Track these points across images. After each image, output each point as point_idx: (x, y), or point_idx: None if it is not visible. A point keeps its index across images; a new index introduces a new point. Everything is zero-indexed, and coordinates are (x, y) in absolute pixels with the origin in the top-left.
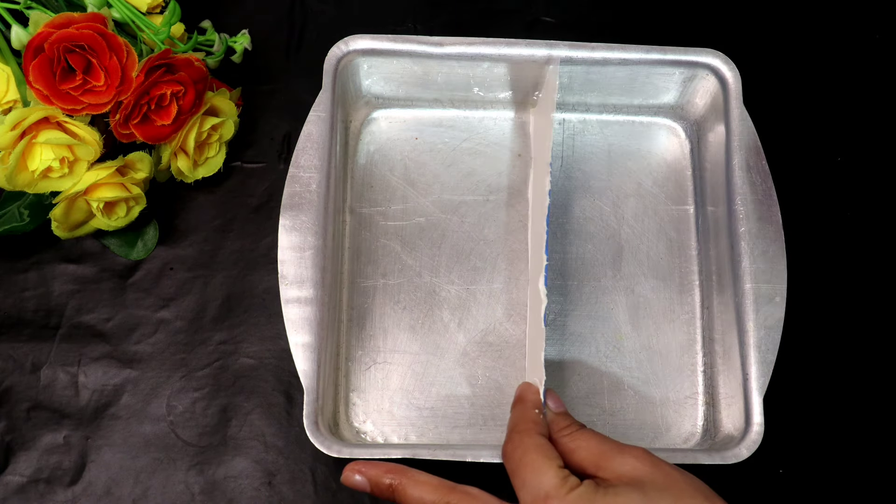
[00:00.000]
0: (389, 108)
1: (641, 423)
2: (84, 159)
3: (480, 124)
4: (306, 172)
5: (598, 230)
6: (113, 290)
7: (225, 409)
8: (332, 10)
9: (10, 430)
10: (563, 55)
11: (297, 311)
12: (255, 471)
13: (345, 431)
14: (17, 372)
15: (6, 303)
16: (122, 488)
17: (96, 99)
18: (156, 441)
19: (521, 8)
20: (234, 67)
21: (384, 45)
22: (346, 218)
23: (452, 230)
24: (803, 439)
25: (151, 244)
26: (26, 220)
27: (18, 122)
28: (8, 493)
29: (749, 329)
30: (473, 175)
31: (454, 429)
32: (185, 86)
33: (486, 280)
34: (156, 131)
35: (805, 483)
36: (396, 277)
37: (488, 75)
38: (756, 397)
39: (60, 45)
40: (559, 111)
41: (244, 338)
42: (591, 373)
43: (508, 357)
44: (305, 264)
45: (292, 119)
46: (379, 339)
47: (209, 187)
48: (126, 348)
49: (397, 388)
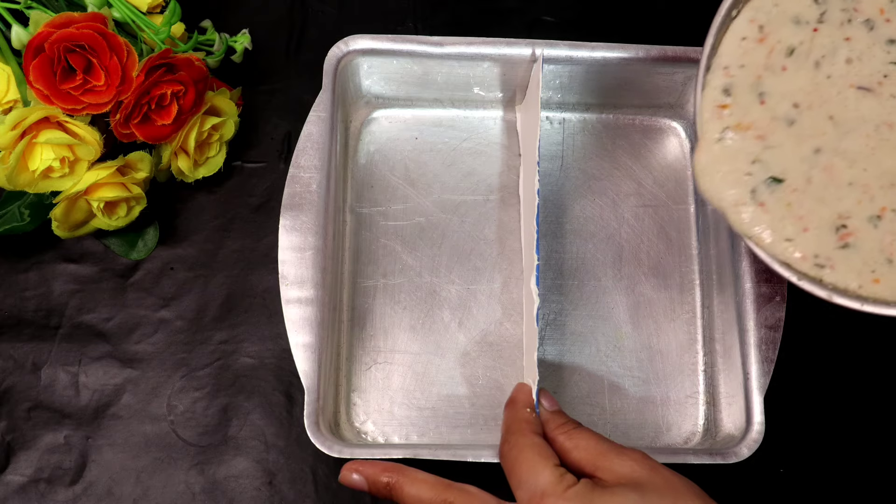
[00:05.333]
0: (389, 108)
1: (642, 423)
2: (84, 159)
3: (481, 124)
4: (306, 172)
5: (598, 230)
6: (113, 290)
7: (225, 408)
8: (332, 10)
9: (11, 429)
10: (563, 55)
11: (297, 312)
12: (256, 471)
13: (345, 431)
14: (17, 372)
15: (7, 303)
16: (122, 488)
17: (97, 99)
18: (156, 441)
19: (522, 7)
20: (234, 67)
21: (384, 45)
22: (346, 218)
23: (453, 230)
24: (804, 439)
25: (152, 244)
26: (27, 220)
27: (19, 122)
28: (8, 492)
29: (749, 328)
30: (473, 175)
31: (455, 428)
32: (185, 85)
33: (487, 280)
34: (156, 131)
35: (805, 483)
36: (397, 277)
37: (488, 75)
38: (757, 397)
39: (61, 44)
40: (560, 111)
41: (245, 337)
42: (591, 372)
43: (509, 357)
44: (306, 264)
45: (292, 119)
46: (379, 339)
47: (209, 187)
48: (126, 348)
49: (398, 388)
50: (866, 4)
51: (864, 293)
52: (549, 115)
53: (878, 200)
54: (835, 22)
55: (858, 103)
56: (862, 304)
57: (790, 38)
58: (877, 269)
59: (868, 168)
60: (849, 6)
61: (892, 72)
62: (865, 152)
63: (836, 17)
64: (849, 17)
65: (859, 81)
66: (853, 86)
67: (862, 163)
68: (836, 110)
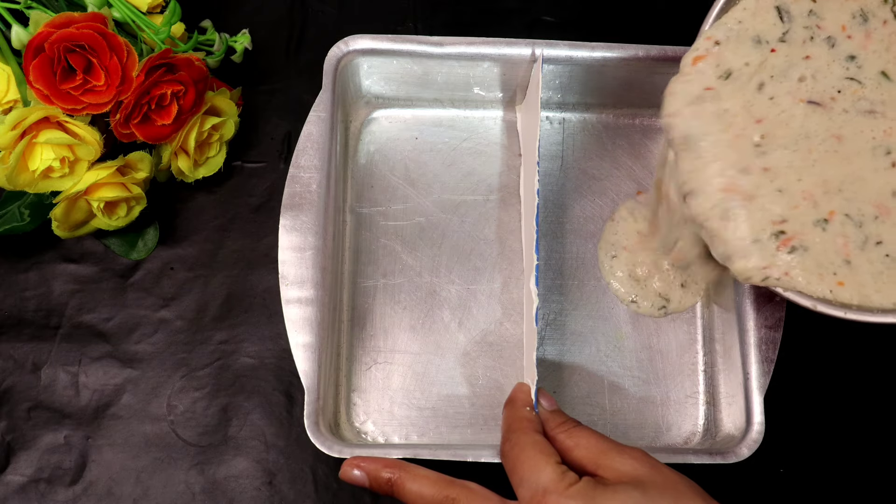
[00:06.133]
0: (389, 108)
1: (642, 423)
2: (84, 159)
3: (481, 124)
4: (306, 172)
5: (598, 230)
6: (113, 290)
7: (225, 408)
8: (332, 10)
9: (11, 429)
10: (563, 55)
11: (297, 312)
12: (256, 471)
13: (345, 431)
14: (17, 372)
15: (7, 303)
16: (122, 488)
17: (97, 99)
18: (156, 441)
19: (522, 7)
20: (234, 67)
21: (384, 45)
22: (346, 218)
23: (453, 230)
24: (804, 439)
25: (152, 244)
26: (27, 220)
27: (19, 122)
28: (8, 492)
29: (749, 328)
30: (473, 175)
31: (455, 428)
32: (185, 85)
33: (487, 280)
34: (156, 131)
35: (805, 482)
36: (397, 277)
37: (488, 75)
38: (757, 396)
39: (61, 44)
40: (560, 111)
41: (245, 337)
42: (591, 372)
43: (509, 357)
44: (306, 264)
45: (292, 119)
46: (379, 338)
47: (209, 187)
48: (126, 348)
49: (398, 387)
50: (829, 22)
51: (835, 298)
52: (549, 115)
53: (823, 206)
54: (797, 41)
55: (806, 119)
56: (845, 312)
57: (735, 61)
58: (838, 272)
59: (803, 178)
60: (812, 24)
61: (847, 87)
62: (801, 164)
63: (798, 36)
64: (811, 34)
65: (811, 97)
66: (803, 101)
67: (795, 173)
68: (771, 128)
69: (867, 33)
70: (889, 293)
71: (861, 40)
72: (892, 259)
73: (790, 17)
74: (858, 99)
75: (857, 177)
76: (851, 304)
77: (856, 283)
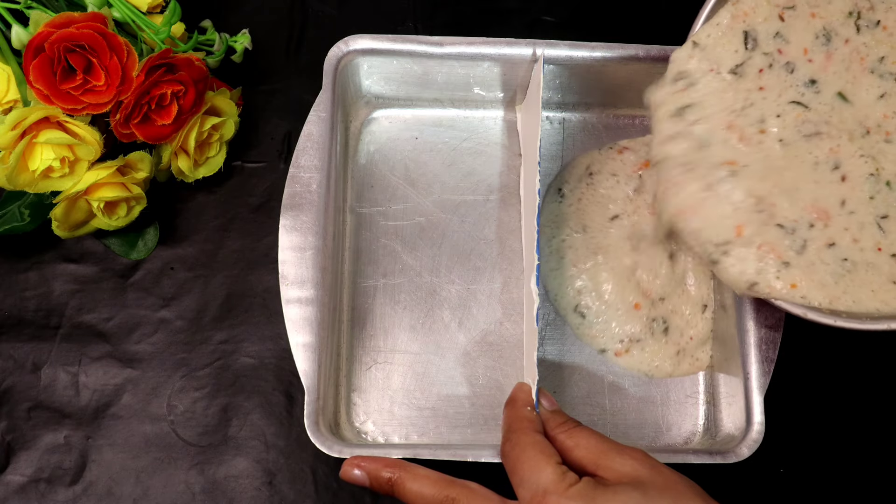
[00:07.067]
0: (389, 108)
1: (642, 423)
2: (85, 159)
3: (481, 124)
4: (306, 172)
5: None
6: (113, 290)
7: (225, 408)
8: (332, 10)
9: (11, 429)
10: (564, 55)
11: (297, 311)
12: (256, 470)
13: (346, 431)
14: (17, 372)
15: (7, 303)
16: (122, 488)
17: (97, 99)
18: (156, 441)
19: (522, 7)
20: (234, 67)
21: (384, 45)
22: (346, 218)
23: (453, 230)
24: (804, 439)
25: (152, 244)
26: (27, 220)
27: (19, 122)
28: (8, 492)
29: (749, 328)
30: (473, 175)
31: (455, 428)
32: (185, 85)
33: (487, 280)
34: (156, 131)
35: (805, 482)
36: (397, 277)
37: (488, 75)
38: (757, 396)
39: (61, 44)
40: (560, 111)
41: (245, 337)
42: (591, 372)
43: (509, 357)
44: (306, 264)
45: (292, 119)
46: (379, 338)
47: (210, 187)
48: (126, 348)
49: (398, 387)
50: (793, 46)
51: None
52: (550, 115)
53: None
54: (751, 73)
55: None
56: (835, 320)
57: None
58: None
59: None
60: (774, 49)
61: (790, 111)
62: (756, 181)
63: (756, 64)
64: (771, 61)
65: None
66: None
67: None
68: None
69: (828, 55)
70: (856, 295)
71: (822, 62)
72: (850, 263)
73: (756, 42)
74: (802, 122)
75: (798, 187)
76: (852, 314)
77: (808, 285)
